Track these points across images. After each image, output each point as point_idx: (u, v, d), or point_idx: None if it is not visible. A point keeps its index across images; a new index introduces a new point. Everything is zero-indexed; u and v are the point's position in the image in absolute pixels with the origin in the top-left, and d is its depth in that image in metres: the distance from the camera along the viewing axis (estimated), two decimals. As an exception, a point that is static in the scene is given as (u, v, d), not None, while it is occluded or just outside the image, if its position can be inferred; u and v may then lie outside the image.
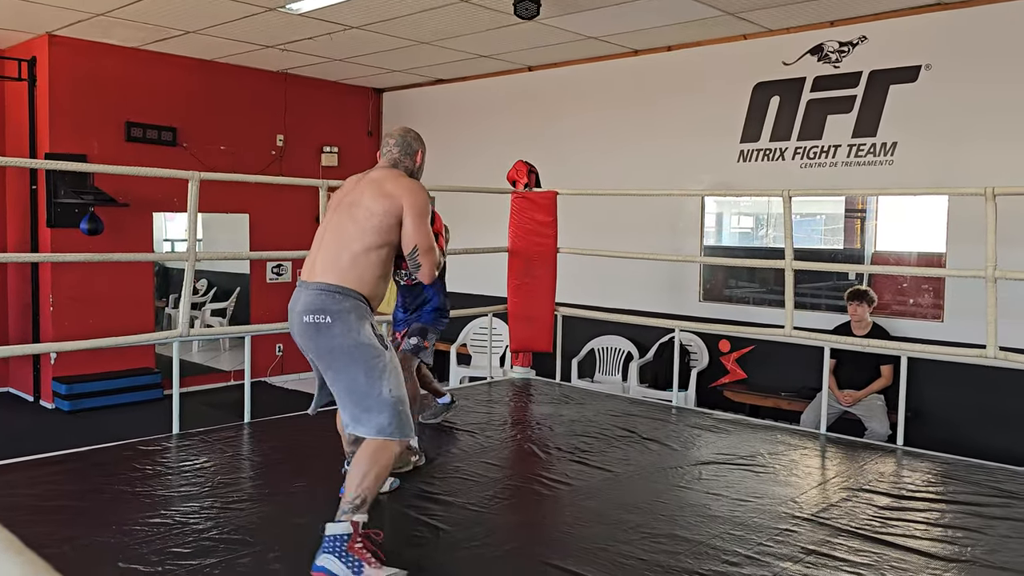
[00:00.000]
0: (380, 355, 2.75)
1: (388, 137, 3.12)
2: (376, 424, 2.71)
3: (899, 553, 2.95)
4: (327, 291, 2.76)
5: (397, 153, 3.07)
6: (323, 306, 2.74)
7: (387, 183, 2.89)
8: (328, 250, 2.84)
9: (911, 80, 5.67)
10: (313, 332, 2.76)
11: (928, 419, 5.49)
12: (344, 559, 2.56)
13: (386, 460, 2.72)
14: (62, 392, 7.17)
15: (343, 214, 2.88)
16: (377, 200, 2.83)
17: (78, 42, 7.17)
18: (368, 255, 2.81)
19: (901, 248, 6.07)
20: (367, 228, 2.80)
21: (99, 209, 7.15)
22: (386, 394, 2.72)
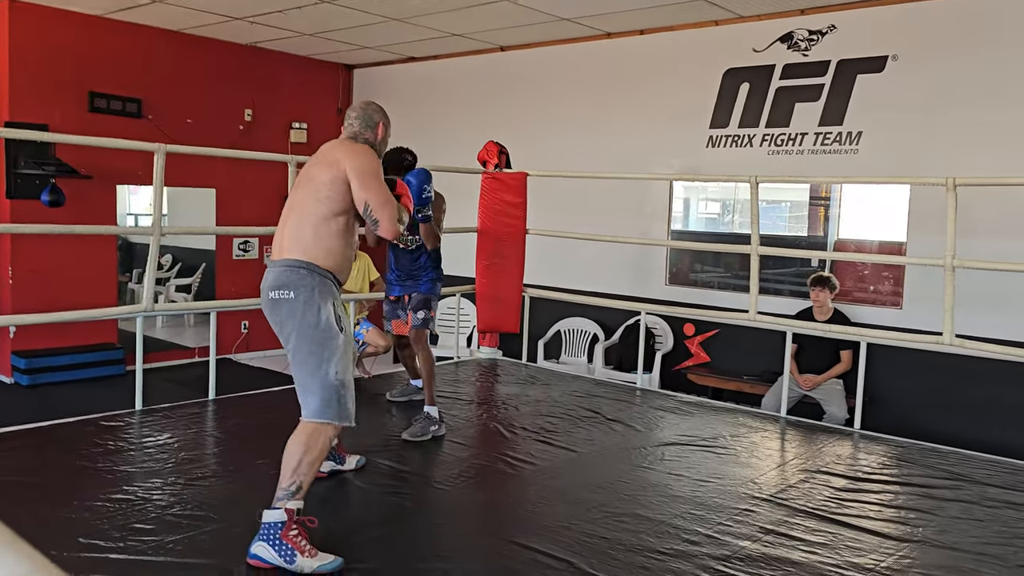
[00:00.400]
0: (334, 337, 2.75)
1: (350, 111, 3.13)
2: (315, 405, 2.71)
3: (853, 533, 3.03)
4: (292, 267, 2.77)
5: (357, 126, 3.09)
6: (287, 281, 2.75)
7: (333, 151, 2.91)
8: (291, 227, 2.85)
9: (878, 70, 5.74)
10: (276, 307, 2.78)
11: (885, 404, 5.62)
12: (277, 547, 2.55)
13: (321, 445, 2.70)
14: (21, 366, 7.05)
15: (301, 191, 2.89)
16: (324, 170, 2.85)
17: (40, 8, 6.99)
18: (328, 225, 2.81)
19: (863, 236, 6.18)
20: (320, 198, 2.81)
21: (61, 181, 7.01)
22: (331, 377, 2.72)
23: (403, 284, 4.35)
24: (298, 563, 2.54)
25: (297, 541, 2.56)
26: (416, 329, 4.22)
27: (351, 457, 3.58)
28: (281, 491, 2.63)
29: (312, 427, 2.71)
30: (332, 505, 3.15)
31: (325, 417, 2.71)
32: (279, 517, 2.58)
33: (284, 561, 2.54)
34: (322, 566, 2.55)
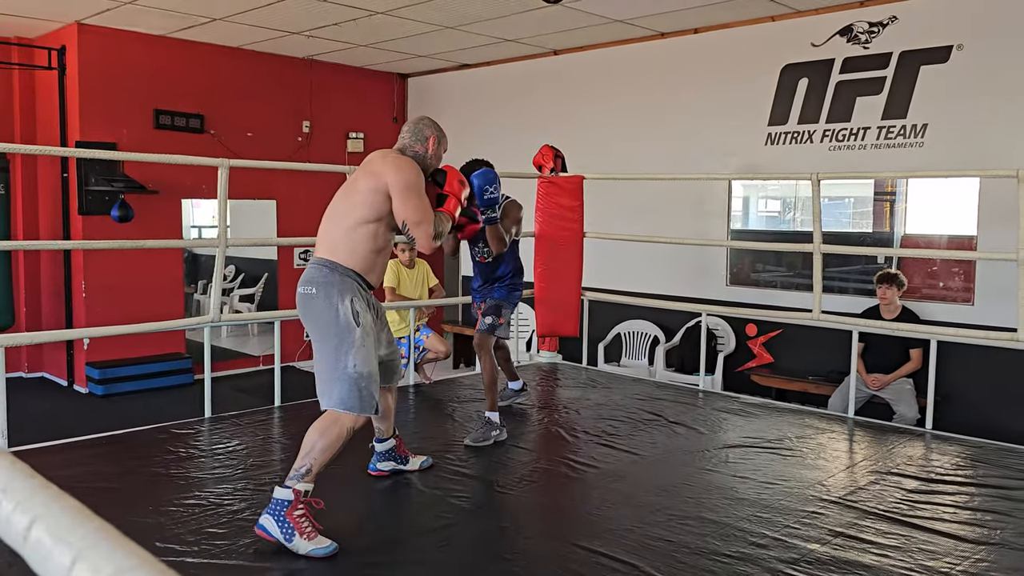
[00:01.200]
0: (352, 331, 2.86)
1: (404, 126, 3.24)
2: (336, 396, 2.84)
3: (927, 535, 2.95)
4: (319, 264, 2.94)
5: (408, 139, 3.19)
6: (312, 278, 2.92)
7: (375, 162, 3.03)
8: (324, 228, 3.02)
9: (942, 61, 5.58)
10: (302, 302, 2.95)
11: (957, 403, 5.45)
12: (280, 523, 2.69)
13: (336, 433, 2.82)
14: (95, 377, 7.30)
15: (340, 196, 3.05)
16: (364, 178, 2.97)
17: (107, 30, 7.25)
18: (357, 230, 2.93)
19: (931, 231, 6.00)
20: (355, 204, 2.95)
21: (129, 196, 7.25)
22: (349, 368, 2.84)
23: (481, 292, 4.39)
24: (295, 543, 2.67)
25: (299, 521, 2.69)
26: (480, 333, 4.21)
27: (415, 458, 3.61)
28: (293, 471, 2.78)
29: (331, 417, 2.85)
30: (394, 506, 3.19)
31: (342, 407, 2.84)
32: (286, 495, 2.72)
33: (283, 538, 2.68)
34: (315, 549, 2.67)
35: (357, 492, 3.34)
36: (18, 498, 0.61)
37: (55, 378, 7.85)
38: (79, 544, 0.55)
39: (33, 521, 0.59)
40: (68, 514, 0.58)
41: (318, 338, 2.92)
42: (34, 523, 0.59)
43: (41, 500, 0.60)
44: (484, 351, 4.18)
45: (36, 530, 0.59)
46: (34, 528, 0.59)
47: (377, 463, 3.52)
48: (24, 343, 6.86)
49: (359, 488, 3.39)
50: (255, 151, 8.08)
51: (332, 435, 2.81)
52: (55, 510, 0.59)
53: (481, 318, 4.24)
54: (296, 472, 2.77)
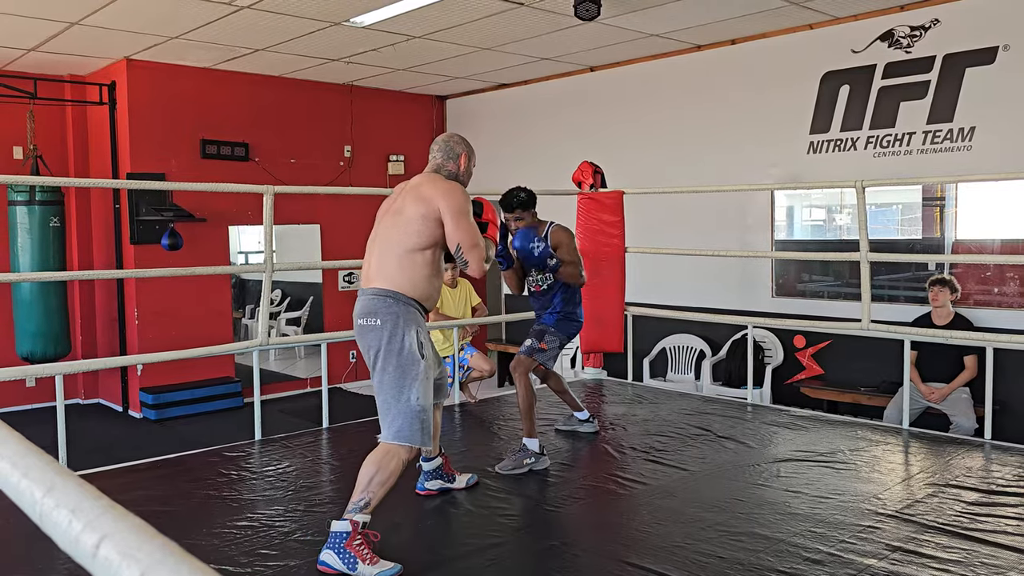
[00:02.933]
0: (416, 363, 2.87)
1: (433, 144, 3.24)
2: (394, 428, 2.85)
3: (990, 549, 2.86)
4: (379, 295, 2.91)
5: (440, 159, 3.19)
6: (374, 309, 2.89)
7: (423, 187, 3.01)
8: (378, 257, 2.99)
9: (988, 62, 5.48)
10: (365, 334, 2.91)
11: (1017, 412, 5.29)
12: (341, 555, 2.71)
13: (394, 466, 2.83)
14: (149, 402, 7.45)
15: (388, 222, 3.03)
16: (415, 205, 2.95)
17: (154, 65, 7.45)
18: (413, 257, 2.93)
19: (983, 236, 5.86)
20: (409, 232, 2.93)
21: (178, 225, 7.42)
22: (413, 402, 2.85)
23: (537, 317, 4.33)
24: (360, 569, 2.69)
25: (360, 550, 2.71)
26: (520, 355, 4.14)
27: (461, 476, 3.62)
28: (351, 504, 2.79)
29: (388, 448, 2.85)
30: (442, 525, 3.20)
31: (401, 440, 2.84)
32: (345, 528, 2.73)
33: (347, 568, 2.70)
34: (381, 572, 2.69)
35: (406, 512, 3.36)
36: (87, 518, 0.63)
37: (110, 404, 8.03)
38: (146, 560, 0.57)
39: (102, 539, 0.61)
40: (135, 532, 0.60)
41: (381, 368, 2.88)
42: (103, 541, 0.61)
43: (109, 519, 0.62)
44: (519, 373, 4.08)
45: (104, 548, 0.61)
46: (102, 546, 0.61)
47: (425, 482, 3.52)
48: (80, 370, 7.04)
49: (407, 508, 3.40)
50: (298, 177, 8.22)
51: (390, 468, 2.82)
52: (123, 528, 0.61)
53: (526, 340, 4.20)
54: (355, 505, 2.78)
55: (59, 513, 0.66)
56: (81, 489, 0.67)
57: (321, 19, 6.05)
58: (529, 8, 5.78)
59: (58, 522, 0.66)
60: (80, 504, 0.65)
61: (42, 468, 0.72)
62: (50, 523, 0.67)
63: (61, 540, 0.66)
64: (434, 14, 5.94)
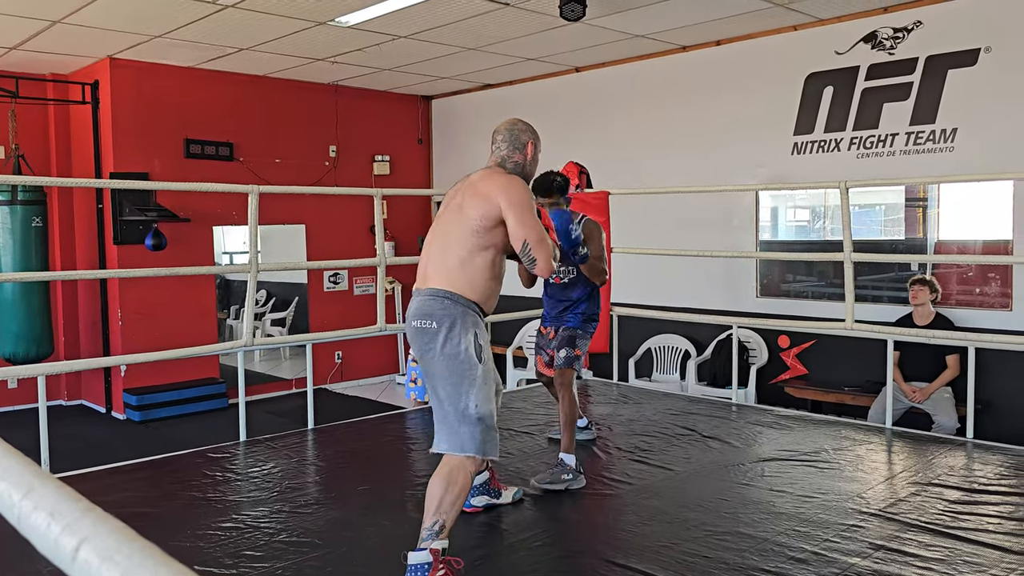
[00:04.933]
0: (473, 367, 2.69)
1: (496, 133, 3.02)
2: (458, 439, 2.65)
3: (972, 547, 2.89)
4: (436, 296, 2.74)
5: (505, 150, 3.00)
6: (431, 311, 2.72)
7: (481, 184, 2.83)
8: (436, 256, 2.81)
9: (970, 64, 5.52)
10: (420, 336, 2.74)
11: (998, 411, 5.34)
12: None
13: (463, 481, 2.63)
14: (133, 403, 7.40)
15: (447, 220, 2.85)
16: (477, 202, 2.77)
17: (137, 64, 7.40)
18: (474, 258, 2.76)
19: (965, 236, 5.91)
20: (469, 231, 2.75)
21: (162, 225, 7.37)
22: (472, 410, 2.65)
23: (553, 317, 4.07)
24: None
25: None
26: (560, 369, 3.86)
27: (507, 490, 3.46)
28: (425, 531, 2.59)
29: (454, 463, 2.64)
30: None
31: (465, 451, 2.64)
32: (425, 559, 2.53)
33: None
34: None
35: (389, 512, 3.34)
36: (66, 520, 0.62)
37: (94, 405, 7.96)
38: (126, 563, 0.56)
39: (81, 542, 0.61)
40: (115, 535, 0.60)
41: (438, 374, 2.70)
42: (82, 544, 0.60)
43: (88, 522, 0.62)
44: (566, 388, 3.81)
45: (84, 551, 0.60)
46: (82, 549, 0.60)
47: (470, 498, 3.30)
48: (63, 371, 6.98)
49: (391, 508, 3.39)
50: (283, 177, 8.18)
51: (459, 484, 2.62)
52: (103, 531, 0.60)
53: (556, 352, 3.92)
54: (430, 532, 2.58)
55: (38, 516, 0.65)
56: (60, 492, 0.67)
57: (306, 19, 6.02)
58: (515, 8, 5.78)
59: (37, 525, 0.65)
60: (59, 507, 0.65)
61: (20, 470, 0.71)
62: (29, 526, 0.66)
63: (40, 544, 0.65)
64: (419, 14, 5.93)
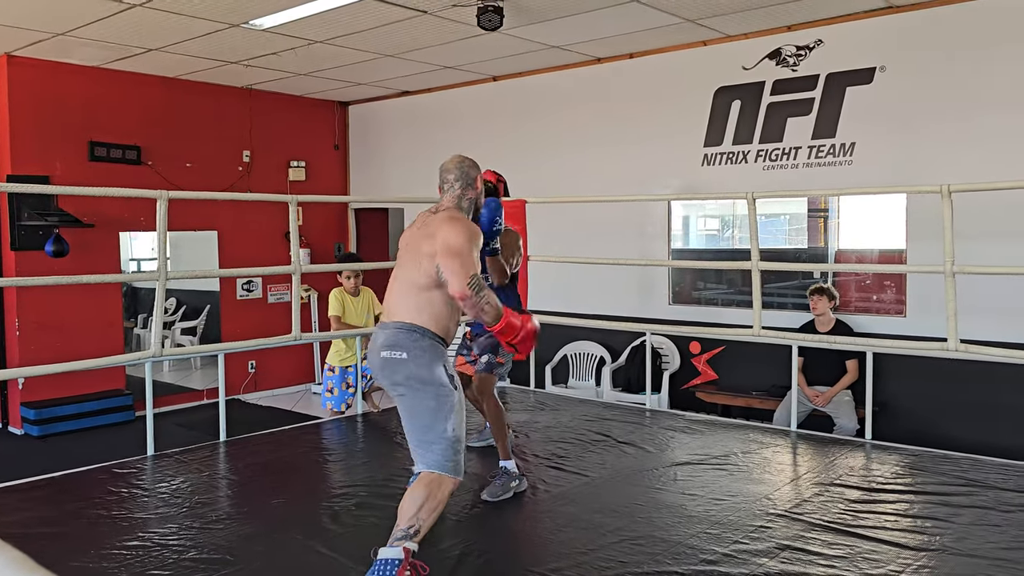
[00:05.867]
0: (450, 394, 2.86)
1: (446, 172, 3.18)
2: (436, 459, 2.80)
3: (871, 544, 3.03)
4: (403, 329, 2.90)
5: (459, 188, 3.15)
6: (399, 342, 2.88)
7: (434, 225, 3.00)
8: (396, 293, 3.01)
9: (867, 82, 5.80)
10: (390, 366, 2.89)
11: (895, 412, 5.61)
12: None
13: (444, 495, 2.78)
14: (31, 417, 7.06)
15: (407, 259, 3.03)
16: (427, 243, 2.94)
17: (38, 62, 7.09)
18: (431, 293, 2.93)
19: (863, 246, 6.20)
20: (423, 271, 2.93)
21: (64, 230, 7.07)
22: (449, 432, 2.82)
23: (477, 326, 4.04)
24: None
25: None
26: (480, 374, 3.89)
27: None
28: (400, 531, 2.69)
29: (434, 477, 2.79)
30: (344, 538, 3.15)
31: (444, 469, 2.80)
32: (396, 555, 2.64)
33: None
34: None
35: (304, 526, 3.30)
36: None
37: (-12, 420, 7.57)
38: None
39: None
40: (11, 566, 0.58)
41: (410, 400, 2.87)
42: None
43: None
44: (487, 395, 3.86)
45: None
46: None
47: None
48: (-46, 385, 6.61)
49: (306, 521, 3.34)
50: (195, 182, 7.96)
51: (439, 496, 2.76)
52: None
53: (478, 359, 3.94)
54: (404, 532, 2.68)
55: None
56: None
57: (218, 20, 5.89)
58: (432, 16, 5.78)
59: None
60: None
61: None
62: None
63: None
64: (336, 19, 5.88)
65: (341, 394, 5.78)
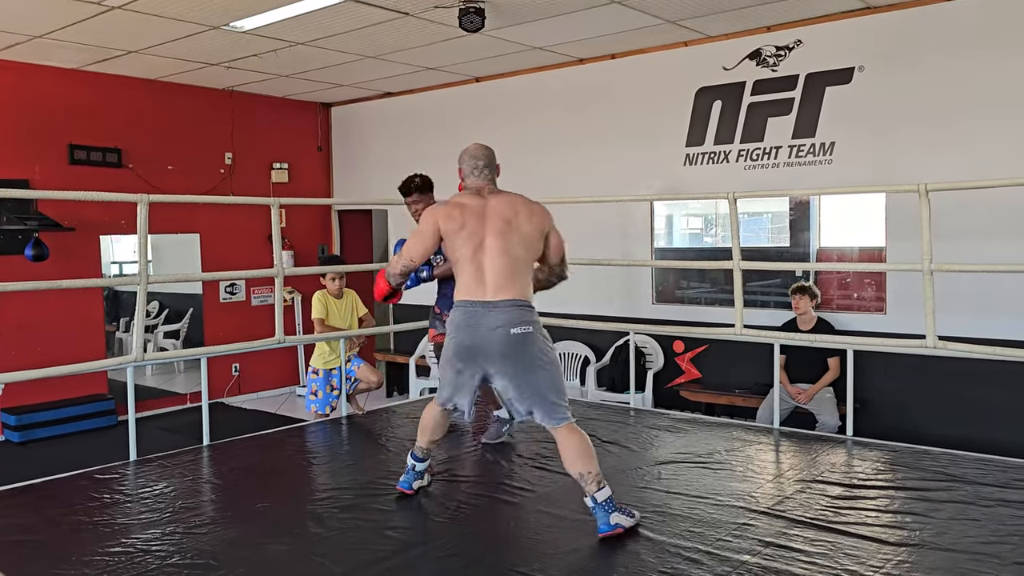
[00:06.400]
0: (558, 362, 3.39)
1: (475, 159, 3.52)
2: (566, 414, 3.25)
3: (852, 540, 3.06)
4: (520, 306, 3.26)
5: (490, 173, 3.52)
6: (524, 318, 3.25)
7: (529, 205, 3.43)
8: (506, 271, 3.27)
9: (846, 81, 5.85)
10: (520, 341, 3.22)
11: (876, 409, 5.67)
12: (622, 511, 3.15)
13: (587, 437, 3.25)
14: (11, 423, 7.01)
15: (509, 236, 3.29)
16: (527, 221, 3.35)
17: (16, 64, 7.03)
18: (529, 271, 3.38)
19: (844, 244, 6.25)
20: (531, 248, 3.36)
21: (44, 234, 7.01)
22: (566, 392, 3.34)
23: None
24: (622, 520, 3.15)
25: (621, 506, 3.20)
26: None
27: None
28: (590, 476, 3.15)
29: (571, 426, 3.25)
30: (329, 540, 3.15)
31: (570, 420, 3.26)
32: (608, 493, 3.14)
33: (628, 516, 3.16)
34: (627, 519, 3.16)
35: (290, 527, 3.29)
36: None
37: (-33, 426, 7.50)
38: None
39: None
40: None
41: (541, 368, 3.24)
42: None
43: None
44: None
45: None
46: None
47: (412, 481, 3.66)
48: (-67, 391, 6.54)
49: (295, 522, 3.34)
50: (176, 184, 7.92)
51: (586, 440, 3.23)
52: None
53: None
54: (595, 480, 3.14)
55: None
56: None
57: (199, 22, 5.86)
58: (414, 18, 5.78)
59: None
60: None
61: None
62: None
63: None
64: (317, 21, 5.86)
65: (326, 396, 5.77)
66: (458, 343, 3.31)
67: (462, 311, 3.30)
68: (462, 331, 3.28)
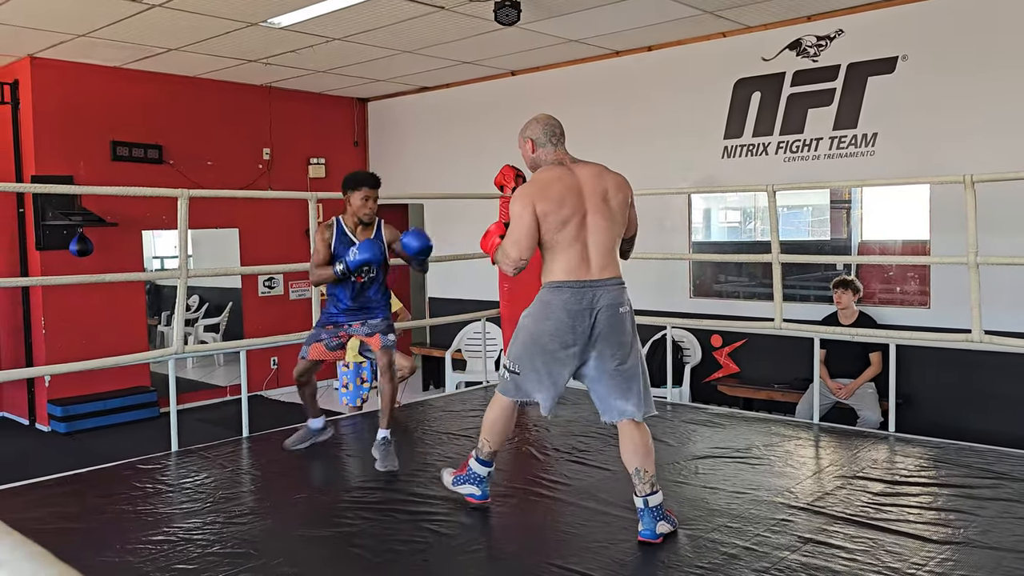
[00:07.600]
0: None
1: (552, 127, 3.38)
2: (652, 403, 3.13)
3: (894, 538, 3.00)
4: (623, 285, 3.16)
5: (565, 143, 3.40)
6: (625, 297, 3.13)
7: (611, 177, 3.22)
8: (607, 246, 3.12)
9: (889, 71, 5.73)
10: (624, 321, 3.09)
11: (919, 405, 5.55)
12: (668, 519, 3.06)
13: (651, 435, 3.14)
14: (58, 414, 7.16)
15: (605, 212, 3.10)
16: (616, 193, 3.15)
17: (60, 63, 7.18)
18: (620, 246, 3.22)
19: (886, 237, 6.13)
20: (622, 222, 3.17)
21: (88, 230, 7.15)
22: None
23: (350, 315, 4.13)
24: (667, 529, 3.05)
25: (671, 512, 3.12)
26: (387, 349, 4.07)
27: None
28: (648, 475, 3.04)
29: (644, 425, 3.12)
30: (366, 532, 3.17)
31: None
32: (662, 499, 3.05)
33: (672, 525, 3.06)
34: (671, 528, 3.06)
35: (328, 517, 3.32)
36: (-18, 546, 0.61)
37: (16, 417, 7.68)
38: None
39: (-3, 569, 0.60)
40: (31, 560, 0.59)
41: (635, 350, 3.10)
42: (-2, 571, 0.60)
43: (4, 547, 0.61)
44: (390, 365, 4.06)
45: (0, 579, 0.59)
46: (-2, 577, 0.59)
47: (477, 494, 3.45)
48: (-18, 383, 6.72)
49: (331, 512, 3.37)
50: (215, 180, 8.02)
51: (650, 438, 3.11)
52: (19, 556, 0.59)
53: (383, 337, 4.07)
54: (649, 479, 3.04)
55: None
56: (-23, 517, 0.65)
57: (237, 19, 5.93)
58: (449, 12, 5.78)
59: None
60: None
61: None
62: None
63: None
64: (353, 16, 5.89)
65: (356, 389, 5.80)
66: (556, 327, 3.01)
67: (569, 292, 3.01)
68: (562, 313, 3.00)
